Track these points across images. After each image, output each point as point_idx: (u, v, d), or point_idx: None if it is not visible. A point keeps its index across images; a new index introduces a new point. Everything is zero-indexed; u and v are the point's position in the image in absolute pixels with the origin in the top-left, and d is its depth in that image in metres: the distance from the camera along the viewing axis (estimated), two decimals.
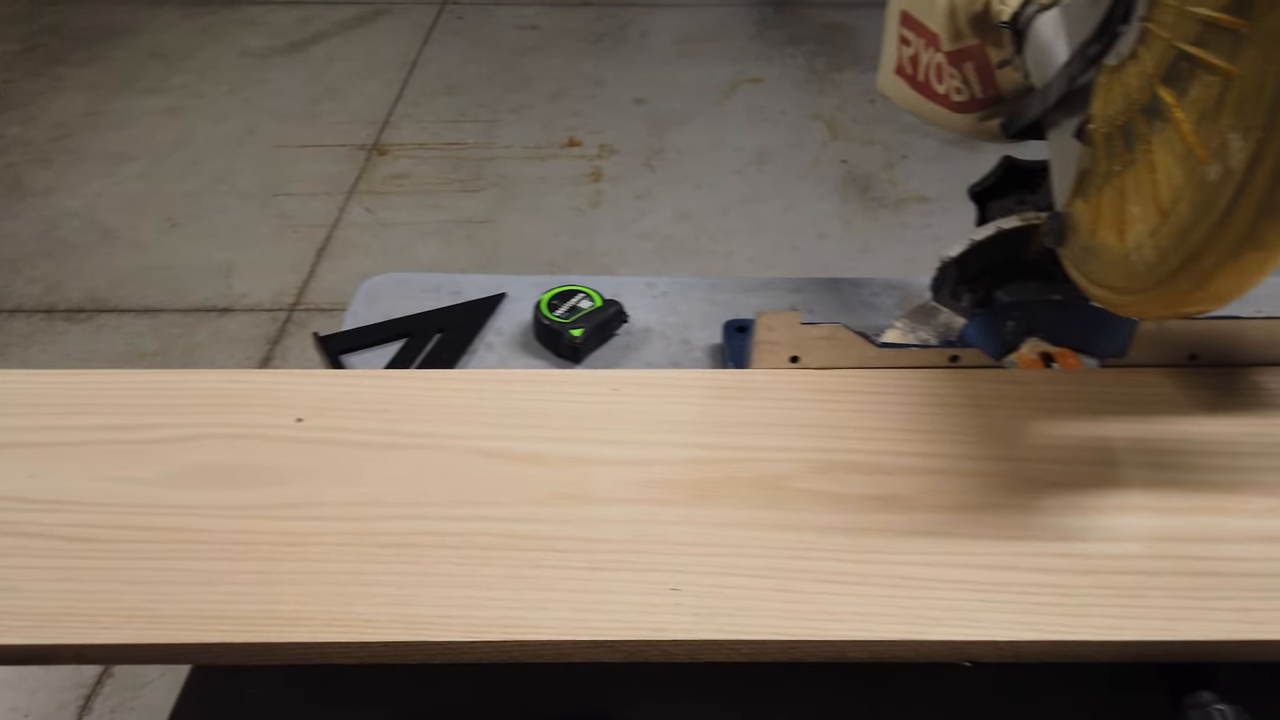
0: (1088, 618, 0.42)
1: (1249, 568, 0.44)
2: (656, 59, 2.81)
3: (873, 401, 0.53)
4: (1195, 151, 0.40)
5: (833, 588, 0.43)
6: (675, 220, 2.14)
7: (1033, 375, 0.56)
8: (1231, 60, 0.38)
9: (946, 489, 0.48)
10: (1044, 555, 0.45)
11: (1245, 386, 0.55)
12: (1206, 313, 0.43)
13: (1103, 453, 0.51)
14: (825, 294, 0.77)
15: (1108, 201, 0.47)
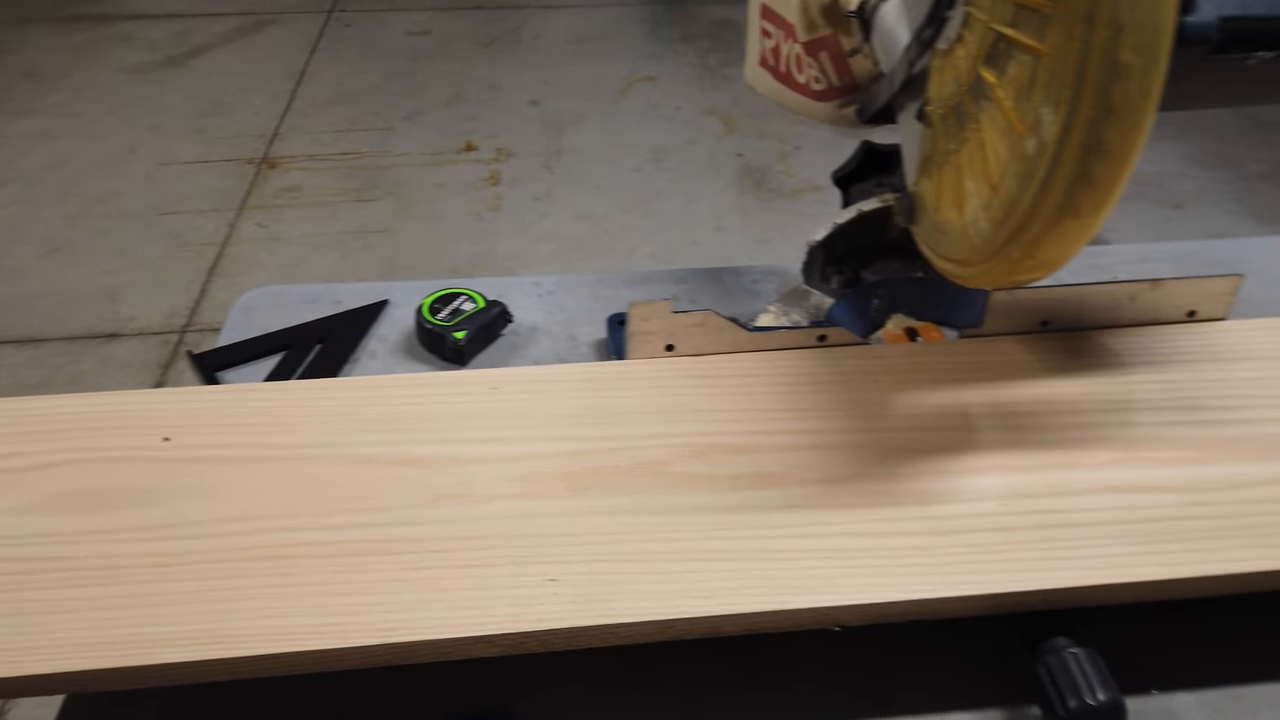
0: (947, 575, 0.44)
1: (1094, 517, 0.47)
2: (551, 60, 2.81)
3: (746, 384, 0.55)
4: (1015, 127, 0.42)
5: (704, 566, 0.44)
6: (576, 221, 2.14)
7: (896, 349, 0.58)
8: (1040, 39, 0.40)
9: (815, 463, 0.50)
10: (906, 519, 0.47)
11: (1092, 348, 0.58)
12: (1039, 280, 0.46)
13: (961, 419, 0.53)
14: (708, 284, 0.79)
15: (947, 179, 0.49)
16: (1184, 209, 2.19)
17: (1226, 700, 0.47)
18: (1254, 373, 0.55)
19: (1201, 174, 2.31)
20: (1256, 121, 2.54)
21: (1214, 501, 0.48)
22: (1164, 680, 0.48)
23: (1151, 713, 0.47)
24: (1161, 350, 0.57)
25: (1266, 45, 0.44)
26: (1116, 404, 0.54)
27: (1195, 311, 0.60)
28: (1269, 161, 2.35)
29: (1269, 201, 2.20)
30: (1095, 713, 0.42)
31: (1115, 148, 0.39)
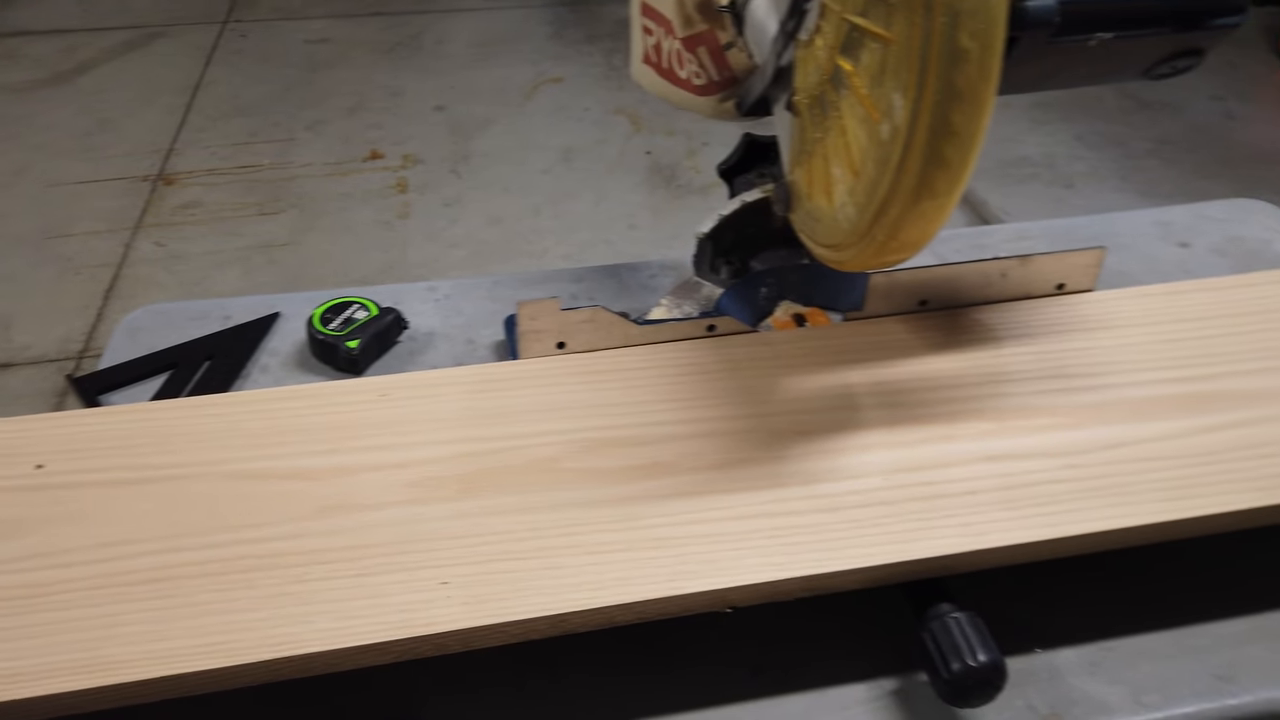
0: (833, 551, 0.45)
1: (971, 486, 0.49)
2: (454, 65, 2.78)
3: (636, 377, 0.56)
4: (870, 114, 0.43)
5: (596, 558, 0.45)
6: (487, 225, 2.13)
7: (783, 335, 0.59)
8: (888, 28, 0.41)
9: (705, 450, 0.51)
10: (794, 499, 0.48)
11: (968, 324, 0.60)
12: (907, 260, 0.47)
13: (845, 399, 0.55)
14: (606, 280, 0.79)
15: (817, 167, 0.50)
16: (1075, 188, 2.27)
17: (1102, 653, 0.49)
18: (1119, 340, 0.58)
19: (1091, 154, 2.41)
20: (1140, 101, 2.65)
21: (1082, 464, 0.50)
22: (1047, 638, 0.50)
23: (1035, 670, 0.49)
24: (1033, 323, 0.60)
25: (1104, 26, 0.47)
26: (991, 376, 0.56)
27: (1064, 284, 0.62)
28: (1152, 140, 2.46)
29: (1153, 178, 2.30)
30: (975, 673, 0.43)
31: (962, 129, 0.40)
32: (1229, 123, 2.55)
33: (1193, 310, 0.60)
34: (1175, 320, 0.59)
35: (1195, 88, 2.71)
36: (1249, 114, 2.60)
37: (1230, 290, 0.62)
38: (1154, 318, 0.60)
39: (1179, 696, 0.47)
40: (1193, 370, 0.56)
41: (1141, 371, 0.56)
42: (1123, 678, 0.48)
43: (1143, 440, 0.51)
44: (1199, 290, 0.62)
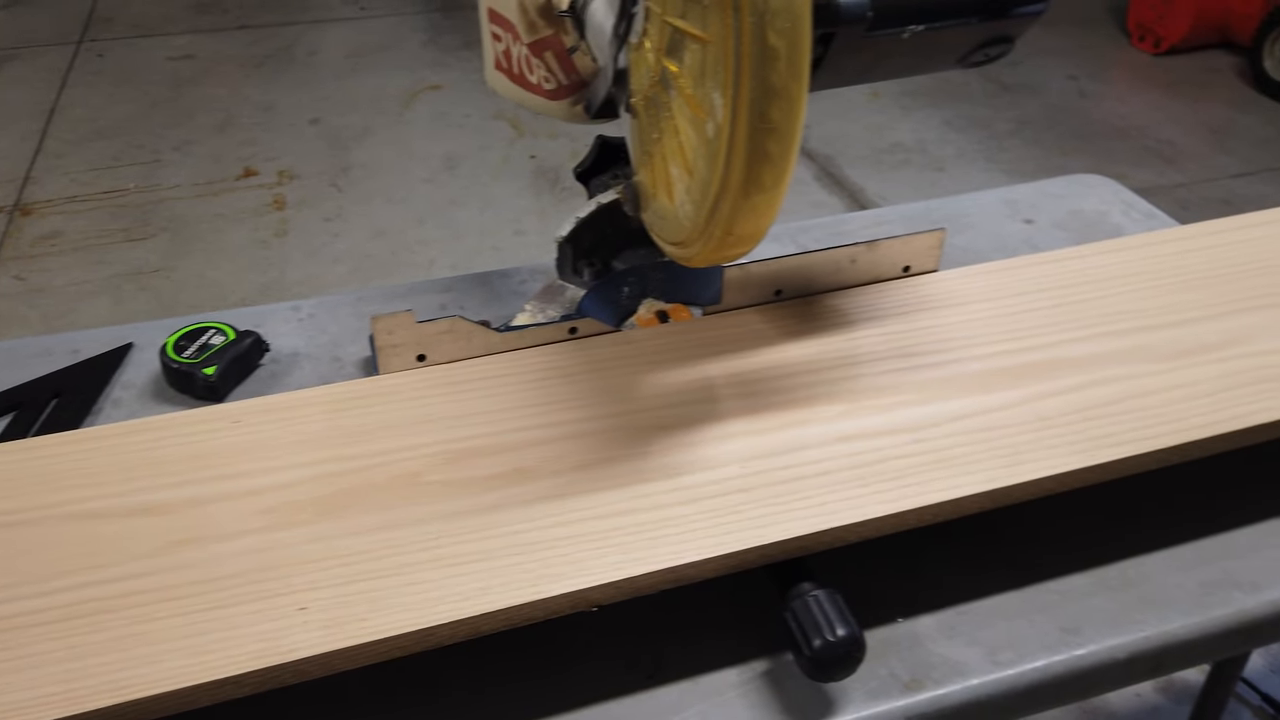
0: (693, 542, 0.46)
1: (825, 467, 0.51)
2: (328, 76, 2.73)
3: (498, 385, 0.56)
4: (696, 113, 0.45)
5: (459, 569, 0.45)
6: (371, 238, 2.09)
7: (644, 333, 0.60)
8: (704, 29, 0.43)
9: (567, 453, 0.51)
10: (654, 494, 0.49)
11: (822, 311, 0.62)
12: (747, 253, 0.49)
13: (705, 391, 0.56)
14: (476, 289, 0.79)
15: (658, 167, 0.51)
16: (946, 171, 2.36)
17: (959, 617, 0.52)
18: (961, 317, 0.61)
19: (958, 137, 2.51)
20: (1002, 85, 2.77)
21: (929, 438, 0.52)
22: (907, 607, 0.52)
23: (897, 639, 0.51)
24: (883, 305, 0.62)
25: (916, 19, 0.49)
26: (844, 359, 0.58)
27: (910, 266, 0.65)
28: (1014, 121, 2.58)
29: (1016, 157, 2.41)
30: (835, 648, 0.45)
31: (780, 124, 0.42)
32: (1083, 101, 2.69)
33: (1028, 284, 0.64)
34: (1012, 294, 0.63)
35: (1052, 69, 2.85)
36: (1101, 91, 2.74)
37: (1062, 262, 0.66)
38: (992, 293, 0.63)
39: (1030, 652, 0.50)
40: (1028, 341, 0.59)
41: (982, 345, 0.58)
42: (978, 639, 0.51)
43: (983, 411, 0.54)
44: (1034, 264, 0.66)
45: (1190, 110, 2.62)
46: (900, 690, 0.48)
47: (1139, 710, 1.18)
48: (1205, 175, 2.33)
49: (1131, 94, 2.73)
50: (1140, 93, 2.73)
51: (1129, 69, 2.88)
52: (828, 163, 2.40)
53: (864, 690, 0.48)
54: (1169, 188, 2.28)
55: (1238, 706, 1.19)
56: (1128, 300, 0.62)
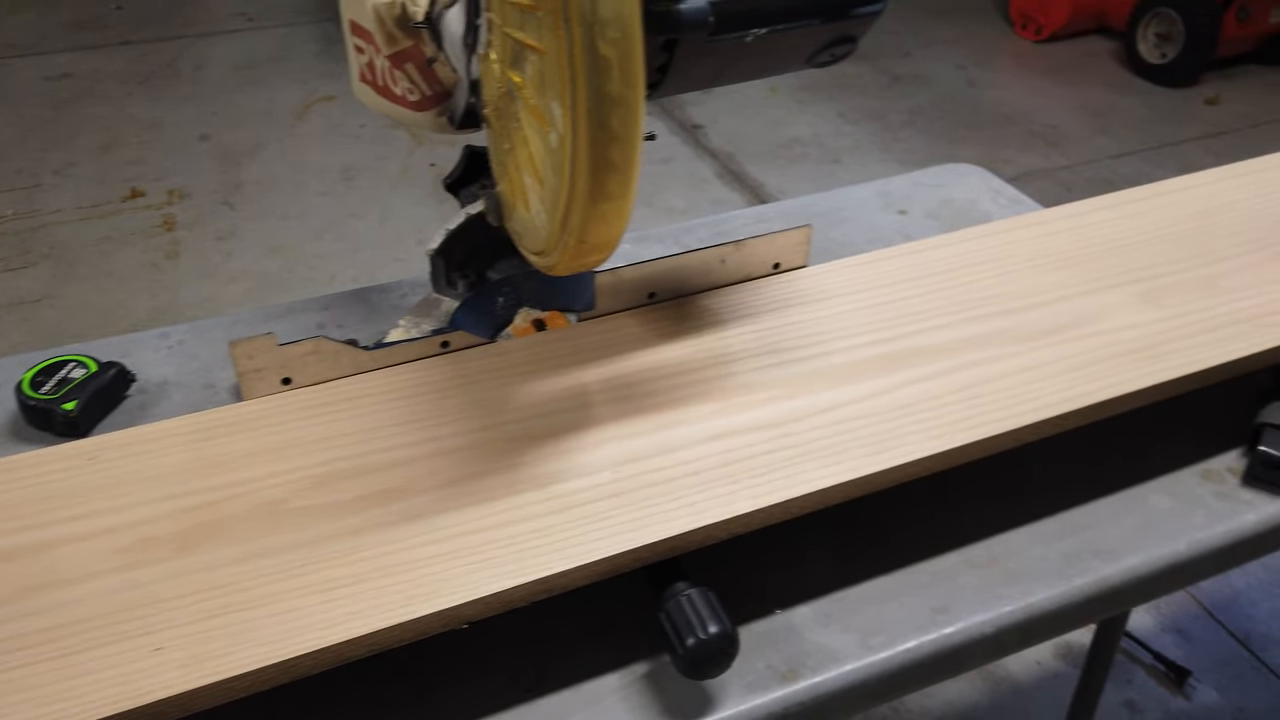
0: (564, 551, 0.47)
1: (697, 466, 0.51)
2: (216, 90, 2.65)
3: (367, 404, 0.55)
4: (540, 123, 0.45)
5: (325, 596, 0.44)
6: (267, 255, 2.04)
7: (518, 343, 0.60)
8: (540, 40, 0.43)
9: (438, 469, 0.51)
10: (527, 505, 0.49)
11: (695, 311, 0.63)
12: (606, 259, 0.49)
13: (579, 398, 0.56)
14: (355, 305, 0.78)
15: (513, 177, 0.51)
16: (842, 163, 2.41)
17: (834, 605, 0.53)
18: (829, 310, 0.62)
19: (854, 130, 2.56)
20: (894, 76, 2.85)
21: (796, 431, 0.53)
22: (785, 599, 0.53)
23: (775, 631, 0.52)
24: (753, 303, 0.63)
25: (758, 23, 0.50)
26: (717, 359, 0.59)
27: (780, 264, 0.66)
28: (906, 111, 2.65)
29: (909, 147, 2.48)
30: (707, 646, 0.45)
31: (621, 132, 0.42)
32: (971, 89, 2.77)
33: (893, 275, 0.65)
34: (877, 286, 0.64)
35: (941, 59, 2.93)
36: (988, 80, 2.84)
37: (926, 252, 0.68)
38: (859, 286, 0.64)
39: (901, 634, 0.51)
40: (892, 331, 0.60)
41: (848, 337, 0.60)
42: (852, 625, 0.52)
43: (848, 402, 0.55)
44: (899, 255, 0.67)
45: (1072, 94, 2.72)
46: (777, 681, 0.49)
47: (1041, 677, 1.23)
48: (1087, 157, 2.43)
49: (1016, 81, 2.83)
50: (1024, 79, 2.83)
51: (1013, 57, 2.98)
52: (729, 160, 2.43)
53: (742, 684, 0.49)
54: (1053, 170, 2.37)
55: (1130, 666, 1.24)
56: (987, 286, 0.64)
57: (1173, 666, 1.22)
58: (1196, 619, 1.30)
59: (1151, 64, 2.79)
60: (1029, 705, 1.19)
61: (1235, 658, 1.26)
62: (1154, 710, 1.19)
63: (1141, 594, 0.55)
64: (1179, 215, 0.71)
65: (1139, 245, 0.68)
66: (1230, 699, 1.20)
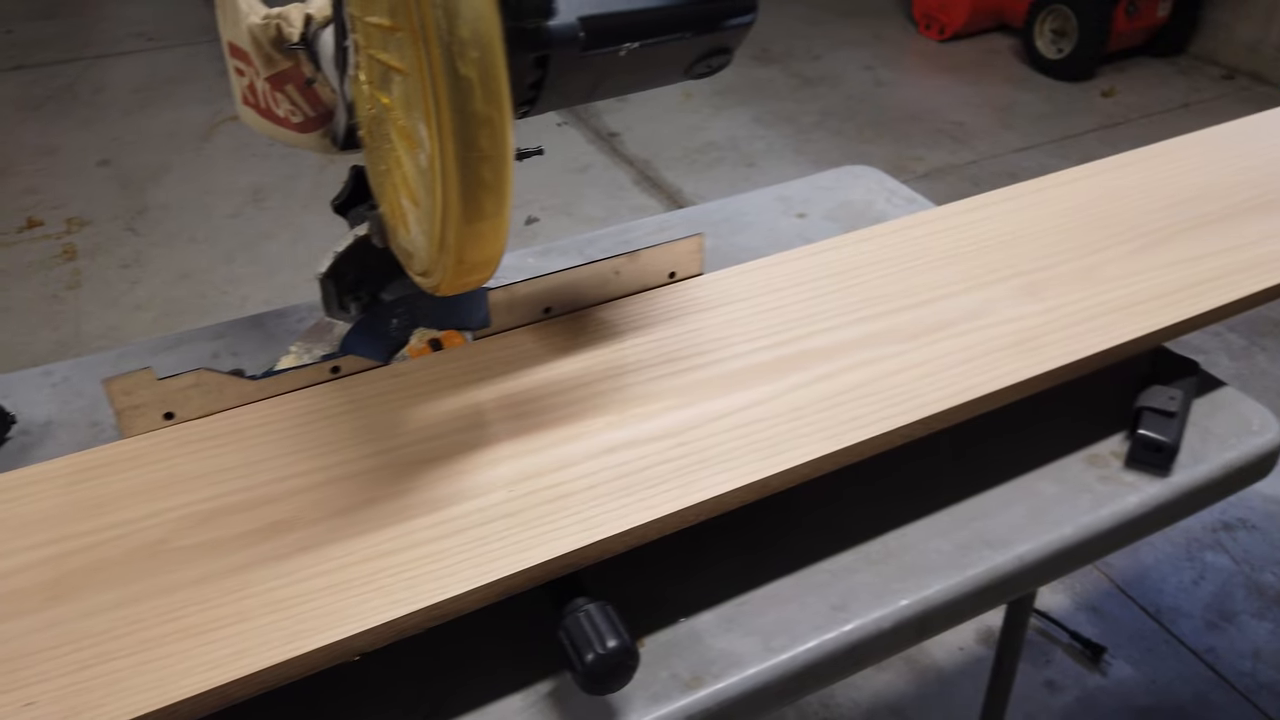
0: (456, 575, 0.46)
1: (592, 480, 0.51)
2: (117, 114, 2.57)
3: (254, 435, 0.54)
4: (409, 144, 0.44)
5: (209, 637, 0.43)
6: (175, 281, 1.98)
7: (412, 365, 0.59)
8: (402, 61, 0.42)
9: (327, 499, 0.50)
10: (420, 530, 0.48)
11: (591, 324, 0.63)
12: (486, 280, 0.49)
13: (474, 418, 0.55)
14: (250, 332, 0.76)
15: (391, 198, 0.50)
16: (757, 165, 2.44)
17: (736, 609, 0.53)
18: (724, 316, 0.63)
19: (768, 132, 2.59)
20: (804, 79, 2.89)
21: (691, 440, 0.54)
22: (689, 606, 0.53)
23: (679, 639, 0.52)
24: (649, 313, 0.63)
25: (629, 37, 0.50)
26: (613, 370, 0.59)
27: (675, 272, 0.66)
28: (818, 113, 2.69)
29: (822, 148, 2.52)
30: (606, 660, 0.45)
31: (491, 151, 0.42)
32: (880, 89, 2.83)
33: (786, 279, 0.66)
34: (771, 290, 0.65)
35: (849, 61, 2.99)
36: (896, 79, 2.90)
37: (819, 255, 0.69)
38: (753, 291, 0.65)
39: (802, 635, 0.52)
40: (785, 335, 0.61)
41: (742, 343, 0.60)
42: (754, 628, 0.52)
43: (743, 407, 0.56)
44: (792, 259, 0.68)
45: (976, 92, 2.80)
46: (681, 690, 0.49)
47: (964, 663, 1.25)
48: (992, 152, 2.50)
49: (923, 79, 2.90)
50: (930, 78, 2.90)
51: (919, 56, 3.05)
52: (646, 166, 2.44)
53: (646, 695, 0.49)
54: (961, 165, 2.44)
55: (1049, 646, 1.28)
56: (878, 285, 0.65)
57: (1088, 644, 1.26)
58: (1109, 596, 1.35)
59: (1049, 60, 2.88)
60: (954, 691, 1.22)
61: (1147, 631, 1.30)
62: (1072, 688, 1.23)
63: (1032, 580, 0.57)
64: (1059, 209, 0.73)
65: (1021, 240, 0.70)
66: (1144, 672, 1.25)
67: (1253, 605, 1.34)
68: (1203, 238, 0.69)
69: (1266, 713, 1.20)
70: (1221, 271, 0.66)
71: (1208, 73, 2.92)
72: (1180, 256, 0.67)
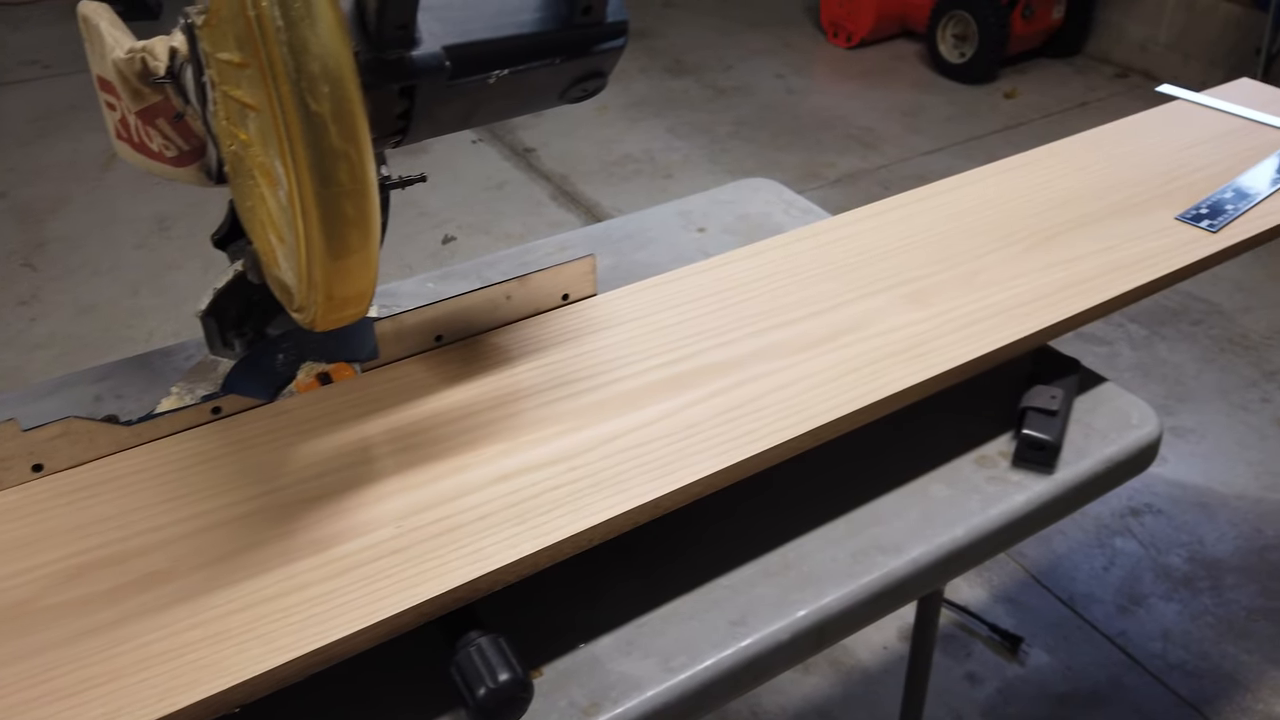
0: (341, 617, 0.45)
1: (483, 510, 0.51)
2: (11, 144, 2.47)
3: (130, 484, 0.52)
4: (269, 181, 0.43)
5: (77, 699, 0.41)
6: (77, 316, 1.91)
7: (297, 401, 0.58)
8: (254, 98, 0.41)
9: (207, 546, 0.48)
10: (304, 572, 0.47)
11: (484, 350, 0.62)
12: (361, 314, 0.48)
13: (361, 453, 0.54)
14: (135, 373, 0.74)
15: (259, 234, 0.49)
16: (674, 177, 2.46)
17: (636, 631, 0.53)
18: (618, 337, 0.63)
19: (683, 144, 2.61)
20: (718, 89, 2.92)
21: (584, 464, 0.53)
22: (588, 631, 0.53)
23: (578, 666, 0.51)
24: (543, 337, 0.63)
25: (497, 64, 0.50)
26: (505, 397, 0.58)
27: (569, 294, 0.66)
28: (732, 123, 2.72)
29: (737, 157, 2.55)
30: (498, 694, 0.45)
31: (352, 186, 0.41)
32: (791, 97, 2.88)
33: (679, 296, 0.67)
34: (665, 309, 0.65)
35: (761, 70, 3.03)
36: (806, 87, 2.95)
37: (711, 271, 0.69)
38: (646, 310, 0.65)
39: (701, 653, 0.52)
40: (678, 352, 0.61)
41: (636, 363, 0.61)
42: (654, 649, 0.52)
43: (637, 428, 0.56)
44: (685, 276, 0.69)
45: (884, 97, 2.86)
46: (579, 717, 0.49)
47: (888, 661, 1.27)
48: (901, 155, 2.56)
49: (832, 86, 2.95)
50: (839, 84, 2.96)
51: (828, 64, 3.11)
52: (563, 181, 2.44)
53: None
54: (872, 170, 2.49)
55: (969, 640, 1.31)
56: (767, 300, 0.66)
57: (1006, 635, 1.29)
58: (1025, 586, 1.38)
59: (952, 64, 2.96)
60: (879, 690, 1.24)
61: (1062, 619, 1.34)
62: (993, 679, 1.26)
63: (925, 583, 0.58)
64: (945, 216, 0.75)
65: (908, 249, 0.71)
66: (1060, 659, 1.28)
67: (1160, 588, 1.39)
68: (1080, 239, 0.72)
69: (1177, 692, 1.24)
70: (1096, 272, 0.68)
71: (1103, 72, 3.04)
72: (1058, 258, 0.70)
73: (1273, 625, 1.33)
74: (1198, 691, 1.25)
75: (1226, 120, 0.90)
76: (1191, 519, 1.49)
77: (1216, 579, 1.40)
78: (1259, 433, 1.65)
